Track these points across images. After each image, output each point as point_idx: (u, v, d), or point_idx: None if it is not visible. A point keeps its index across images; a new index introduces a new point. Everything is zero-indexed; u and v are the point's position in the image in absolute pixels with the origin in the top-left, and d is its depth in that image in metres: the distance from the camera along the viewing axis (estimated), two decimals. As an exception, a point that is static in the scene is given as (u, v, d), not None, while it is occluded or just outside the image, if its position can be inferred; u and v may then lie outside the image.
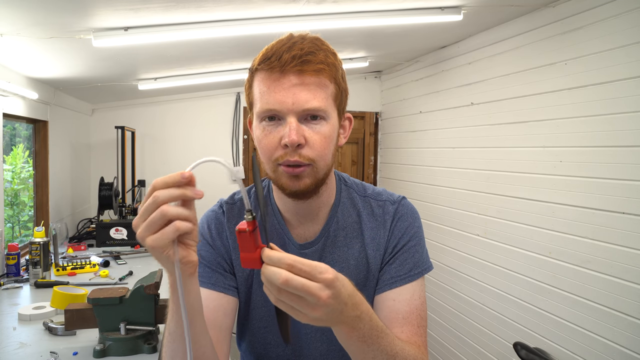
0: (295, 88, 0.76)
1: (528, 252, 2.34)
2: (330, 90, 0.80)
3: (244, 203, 0.63)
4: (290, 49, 0.76)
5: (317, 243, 0.90)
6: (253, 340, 0.95)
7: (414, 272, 0.88)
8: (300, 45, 0.76)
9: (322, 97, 0.78)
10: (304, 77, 0.76)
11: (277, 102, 0.76)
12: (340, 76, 0.82)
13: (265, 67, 0.77)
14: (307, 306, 0.60)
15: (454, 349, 3.03)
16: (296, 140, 0.75)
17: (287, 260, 0.59)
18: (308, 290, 0.58)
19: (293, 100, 0.76)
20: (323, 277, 0.59)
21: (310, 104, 0.76)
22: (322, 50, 0.78)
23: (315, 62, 0.76)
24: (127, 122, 3.64)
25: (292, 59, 0.75)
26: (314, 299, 0.59)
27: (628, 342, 1.80)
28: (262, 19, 1.99)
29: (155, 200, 0.59)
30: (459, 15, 2.18)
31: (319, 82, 0.78)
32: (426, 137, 3.40)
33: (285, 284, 0.58)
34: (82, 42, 1.95)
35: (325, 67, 0.77)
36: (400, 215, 0.92)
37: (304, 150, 0.77)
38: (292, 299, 0.60)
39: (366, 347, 0.69)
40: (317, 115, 0.78)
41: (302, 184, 0.79)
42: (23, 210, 2.94)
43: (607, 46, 1.89)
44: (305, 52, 0.76)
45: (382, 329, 0.70)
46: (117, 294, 1.40)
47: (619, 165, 1.85)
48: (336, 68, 0.80)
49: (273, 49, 0.77)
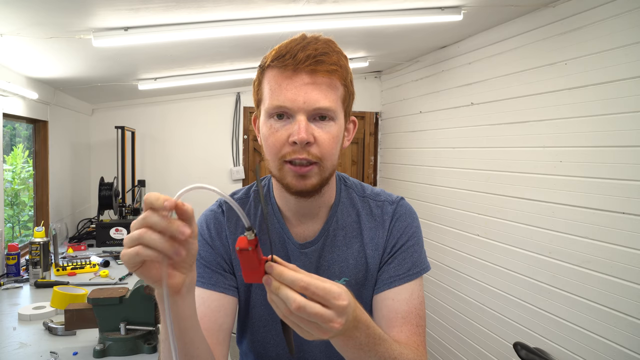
0: (307, 87, 0.76)
1: (528, 252, 2.34)
2: (340, 92, 0.81)
3: (243, 221, 0.60)
4: (304, 48, 0.76)
5: (317, 242, 0.91)
6: (253, 339, 0.95)
7: (413, 271, 0.89)
8: (315, 45, 0.77)
9: (332, 97, 0.78)
10: (316, 76, 0.77)
11: (288, 100, 0.76)
12: (349, 79, 0.83)
13: (278, 65, 0.77)
14: (319, 330, 0.59)
15: (454, 349, 3.03)
16: (305, 138, 0.75)
17: (301, 282, 0.57)
18: (322, 318, 0.57)
19: (304, 99, 0.76)
20: (337, 304, 0.58)
21: (321, 103, 0.77)
22: (335, 52, 0.79)
23: (328, 63, 0.77)
24: (127, 122, 3.64)
25: (307, 58, 0.75)
26: (327, 326, 0.58)
27: (628, 342, 1.80)
28: (262, 19, 1.99)
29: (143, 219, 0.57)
30: (459, 15, 2.18)
31: (331, 82, 0.78)
32: (426, 137, 3.40)
33: (299, 310, 0.56)
34: (82, 42, 1.95)
35: (338, 69, 0.78)
36: (399, 216, 0.92)
37: (312, 148, 0.78)
38: (303, 322, 0.58)
39: (363, 354, 0.69)
40: (326, 115, 0.78)
41: (309, 183, 0.80)
42: (23, 210, 2.94)
43: (607, 46, 1.89)
44: (319, 52, 0.76)
45: (379, 336, 0.70)
46: (117, 294, 1.40)
47: (619, 165, 1.85)
48: (347, 71, 0.81)
49: (287, 47, 0.77)
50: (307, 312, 0.56)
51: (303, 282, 0.57)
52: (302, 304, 0.56)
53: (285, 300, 0.57)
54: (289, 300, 0.56)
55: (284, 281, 0.57)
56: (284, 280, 0.57)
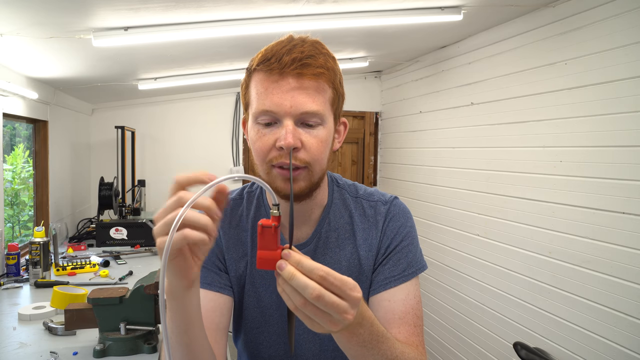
0: (294, 91, 0.75)
1: (528, 252, 2.34)
2: (328, 95, 0.79)
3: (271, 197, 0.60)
4: (290, 52, 0.74)
5: (309, 244, 0.90)
6: (246, 339, 0.95)
7: (408, 271, 0.88)
8: (301, 48, 0.75)
9: (320, 101, 0.77)
10: (303, 80, 0.75)
11: (274, 104, 0.75)
12: (338, 81, 0.81)
13: (264, 69, 0.76)
14: (330, 322, 0.57)
15: (454, 349, 3.03)
16: (292, 143, 0.74)
17: (320, 271, 0.55)
18: (337, 308, 0.56)
19: (291, 103, 0.75)
20: (353, 296, 0.57)
21: (308, 107, 0.75)
22: (322, 54, 0.77)
23: (315, 66, 0.75)
24: (127, 122, 3.64)
25: (292, 62, 0.74)
26: (340, 317, 0.57)
27: (628, 342, 1.80)
28: (262, 19, 1.99)
29: (177, 199, 0.56)
30: (459, 15, 2.18)
31: (318, 86, 0.77)
32: (426, 137, 3.40)
33: (317, 299, 0.55)
34: (82, 42, 1.95)
35: (325, 72, 0.77)
36: (392, 216, 0.92)
37: (300, 153, 0.76)
38: (316, 313, 0.57)
39: (366, 351, 0.69)
40: (314, 119, 0.77)
41: (297, 187, 0.79)
42: (23, 210, 2.94)
43: (607, 46, 1.89)
44: (305, 55, 0.75)
45: (382, 334, 0.70)
46: (117, 294, 1.40)
47: (619, 165, 1.85)
48: (335, 73, 0.80)
49: (273, 51, 0.76)
50: (324, 301, 0.55)
51: (322, 272, 0.55)
52: (321, 292, 0.54)
53: (302, 289, 0.55)
54: (308, 289, 0.54)
55: (303, 268, 0.56)
56: (303, 267, 0.56)
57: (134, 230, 2.96)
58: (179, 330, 0.70)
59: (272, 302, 0.91)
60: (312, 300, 0.55)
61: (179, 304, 0.66)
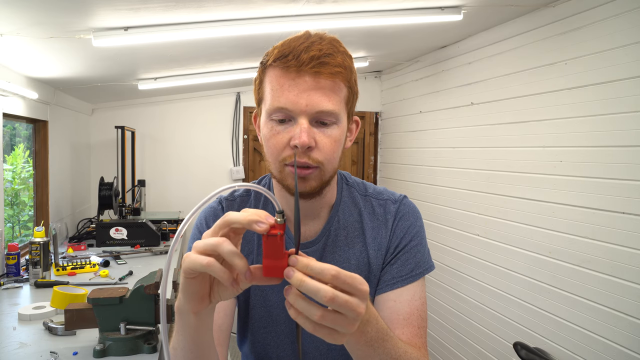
0: (310, 89, 0.74)
1: (528, 252, 2.34)
2: (343, 94, 0.78)
3: (274, 204, 0.57)
4: (308, 49, 0.73)
5: (318, 242, 0.90)
6: (253, 340, 0.95)
7: (415, 272, 0.88)
8: (319, 45, 0.74)
9: (335, 100, 0.76)
10: (319, 79, 0.74)
11: (289, 102, 0.74)
12: (354, 79, 0.81)
13: (280, 65, 0.75)
14: (348, 324, 0.55)
15: (454, 349, 3.03)
16: (307, 142, 0.73)
17: (331, 271, 0.53)
18: (351, 306, 0.53)
19: (307, 102, 0.74)
20: (362, 289, 0.54)
21: (323, 106, 0.74)
22: (340, 53, 0.76)
23: (332, 65, 0.74)
24: (127, 122, 3.64)
25: (310, 60, 0.73)
26: (354, 315, 0.54)
27: (628, 342, 1.80)
28: (262, 18, 1.99)
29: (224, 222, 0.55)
30: (459, 15, 2.18)
31: (334, 85, 0.76)
32: (426, 137, 3.40)
33: (332, 301, 0.52)
34: (82, 42, 1.95)
35: (342, 71, 0.76)
36: (402, 215, 0.91)
37: (314, 152, 0.76)
38: (335, 319, 0.54)
39: (372, 351, 0.68)
40: (329, 117, 0.76)
41: (308, 186, 0.79)
42: (23, 210, 2.93)
43: (607, 46, 1.89)
44: (323, 53, 0.73)
45: (386, 332, 0.70)
46: (117, 294, 1.40)
47: (619, 165, 1.85)
48: (351, 71, 0.79)
49: (290, 47, 0.74)
50: (338, 301, 0.52)
51: (334, 271, 0.53)
52: (334, 293, 0.52)
53: (314, 293, 0.52)
54: (321, 292, 0.52)
55: (312, 272, 0.53)
56: (313, 270, 0.53)
57: (134, 230, 2.96)
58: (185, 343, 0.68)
59: (278, 302, 0.90)
60: (327, 302, 0.52)
61: (184, 323, 0.64)
